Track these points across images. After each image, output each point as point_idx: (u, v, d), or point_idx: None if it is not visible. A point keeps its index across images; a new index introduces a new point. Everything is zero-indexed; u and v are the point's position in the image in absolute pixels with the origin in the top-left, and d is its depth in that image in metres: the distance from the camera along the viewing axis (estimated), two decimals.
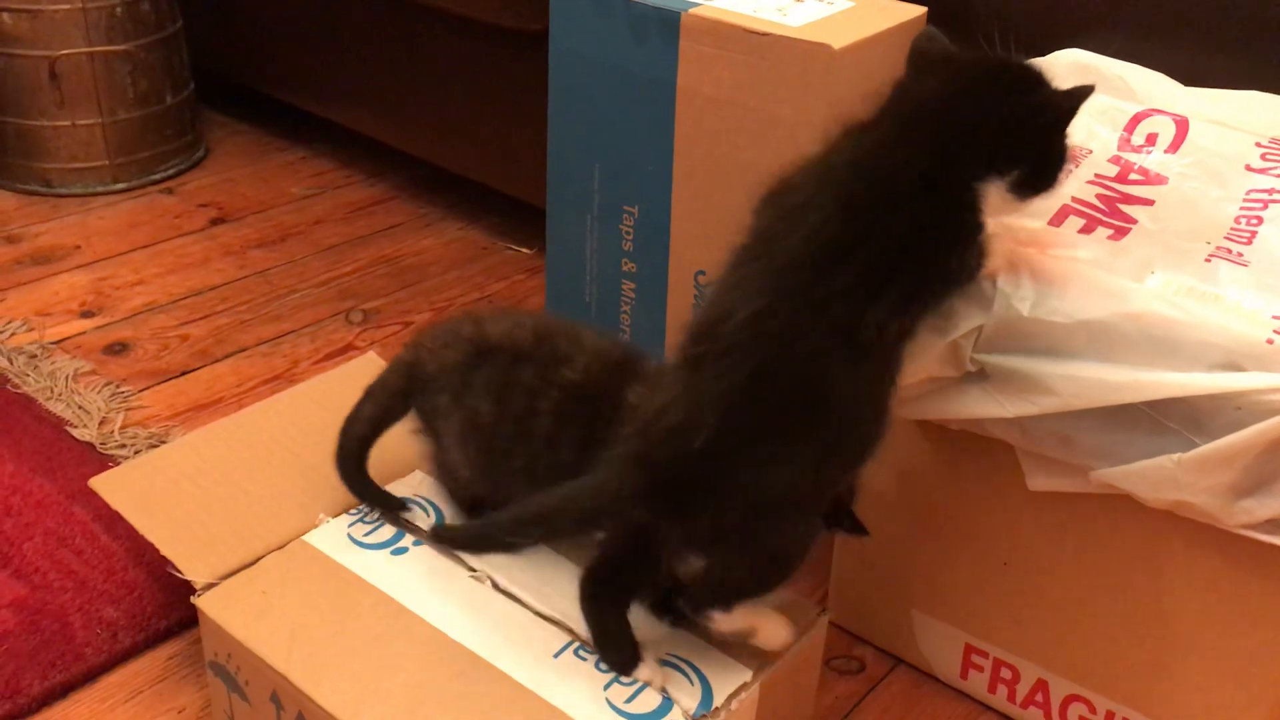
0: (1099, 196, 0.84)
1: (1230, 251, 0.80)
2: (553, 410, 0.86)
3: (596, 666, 0.82)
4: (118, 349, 1.44)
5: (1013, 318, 0.77)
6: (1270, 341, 0.71)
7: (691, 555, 0.79)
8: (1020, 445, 0.83)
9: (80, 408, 1.31)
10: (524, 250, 1.74)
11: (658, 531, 0.78)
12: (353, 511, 0.95)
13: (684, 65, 0.99)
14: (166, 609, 1.04)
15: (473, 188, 1.78)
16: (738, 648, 0.86)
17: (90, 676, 0.99)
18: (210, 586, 0.90)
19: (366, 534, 0.93)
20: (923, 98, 0.77)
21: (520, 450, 0.88)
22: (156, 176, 1.88)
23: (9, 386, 1.34)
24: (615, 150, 1.07)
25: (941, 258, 0.74)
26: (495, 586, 0.89)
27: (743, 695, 0.83)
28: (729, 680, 0.83)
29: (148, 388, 1.37)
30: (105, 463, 1.22)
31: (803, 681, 0.93)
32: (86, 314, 1.51)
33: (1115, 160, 0.88)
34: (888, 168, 0.75)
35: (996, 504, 0.90)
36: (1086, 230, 0.82)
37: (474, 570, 0.90)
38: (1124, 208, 0.84)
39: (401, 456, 0.99)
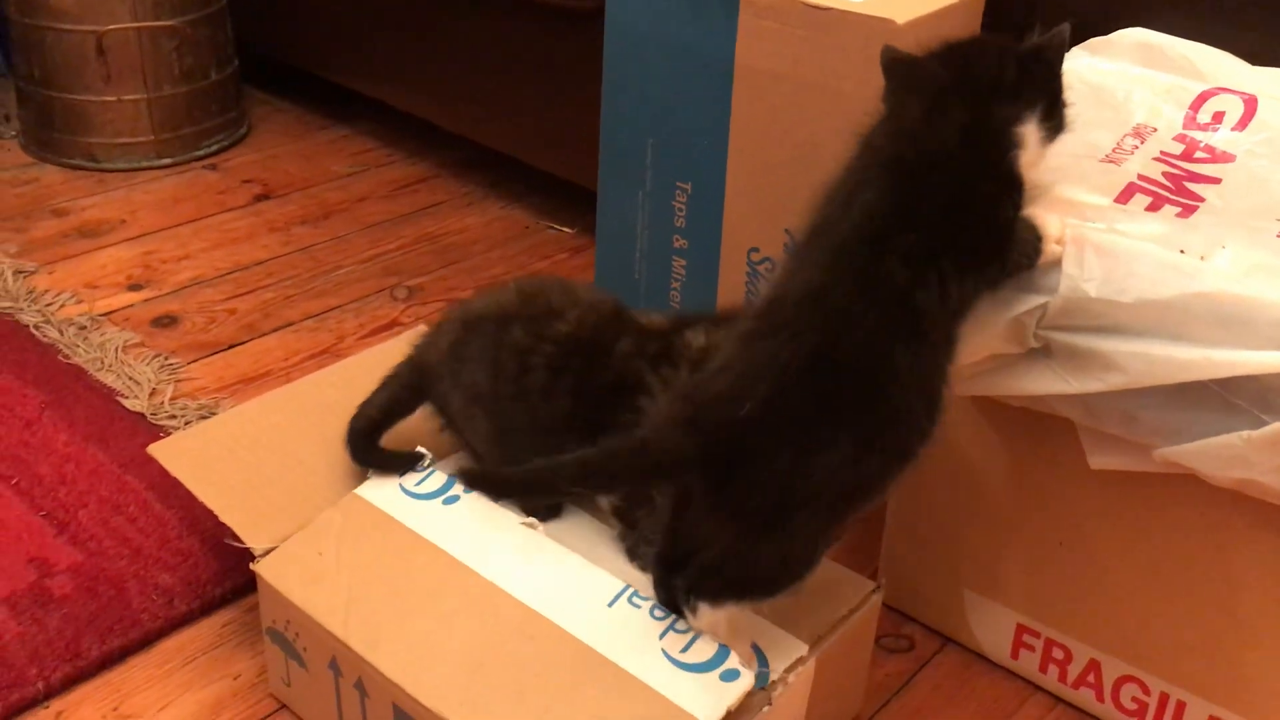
0: (1165, 175, 0.84)
1: None
2: (544, 364, 0.88)
3: (651, 614, 0.82)
4: (166, 322, 1.45)
5: (1079, 297, 0.76)
6: None
7: (710, 528, 0.78)
8: (1083, 423, 0.82)
9: (131, 379, 1.32)
10: (566, 230, 1.74)
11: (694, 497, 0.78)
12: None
13: (743, 40, 0.98)
14: (221, 576, 1.05)
15: (515, 167, 1.78)
16: (794, 623, 0.86)
17: (147, 642, 1.00)
18: (268, 552, 0.91)
19: (418, 483, 0.93)
20: (932, 71, 0.79)
21: (520, 410, 0.89)
22: (200, 153, 1.89)
23: (60, 357, 1.35)
24: (670, 126, 1.06)
25: (991, 211, 0.75)
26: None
27: (799, 669, 0.83)
28: (786, 654, 0.84)
29: (196, 360, 1.38)
30: (156, 433, 1.23)
31: (856, 658, 0.93)
32: (134, 287, 1.53)
33: (1181, 139, 0.87)
34: (927, 131, 0.76)
35: (1054, 483, 0.89)
36: (1154, 208, 0.82)
37: (525, 517, 0.90)
38: (1191, 186, 0.83)
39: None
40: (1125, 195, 0.83)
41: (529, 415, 0.89)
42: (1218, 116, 0.87)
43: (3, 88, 1.98)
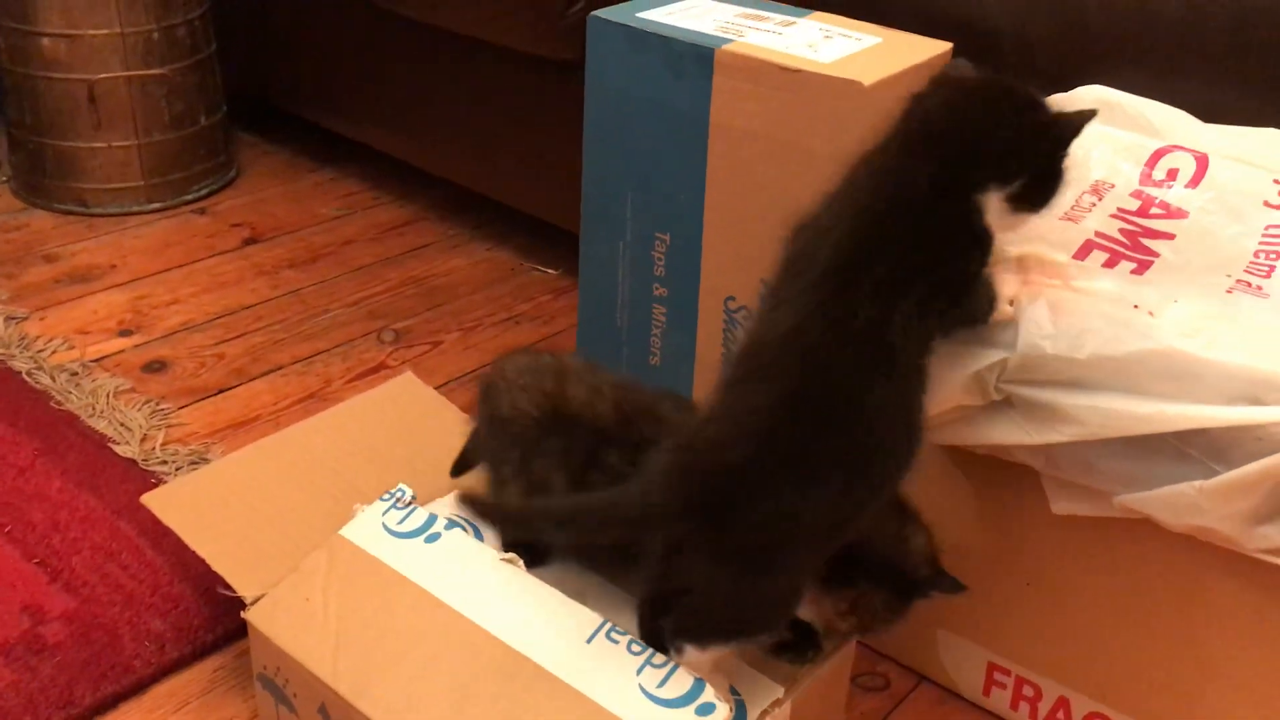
0: (1121, 230, 0.87)
1: (1250, 285, 0.83)
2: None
3: (628, 649, 0.84)
4: (156, 367, 1.48)
5: (1036, 354, 0.80)
6: None
7: (702, 572, 0.80)
8: (1045, 470, 0.85)
9: (122, 425, 1.35)
10: (550, 271, 1.77)
11: (688, 543, 0.80)
12: (385, 498, 0.98)
13: (717, 99, 1.02)
14: (212, 622, 1.07)
15: (500, 209, 1.81)
16: (770, 665, 0.89)
17: (139, 688, 1.02)
18: (258, 599, 0.93)
19: (400, 521, 0.95)
20: (929, 112, 0.81)
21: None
22: (190, 197, 1.92)
23: (52, 404, 1.38)
24: (649, 180, 1.10)
25: (956, 261, 0.78)
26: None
27: (775, 711, 0.86)
28: (762, 696, 0.86)
29: (186, 405, 1.41)
30: (148, 479, 1.25)
31: (832, 698, 0.96)
32: (124, 333, 1.55)
33: (1137, 194, 0.91)
34: (899, 179, 0.79)
35: (1020, 525, 0.92)
36: (1110, 264, 0.85)
37: (504, 553, 0.93)
38: (1146, 241, 0.87)
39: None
40: (1083, 252, 0.86)
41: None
42: (1171, 174, 0.91)
43: None
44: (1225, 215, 0.87)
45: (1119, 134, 0.95)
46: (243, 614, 0.93)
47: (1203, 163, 0.91)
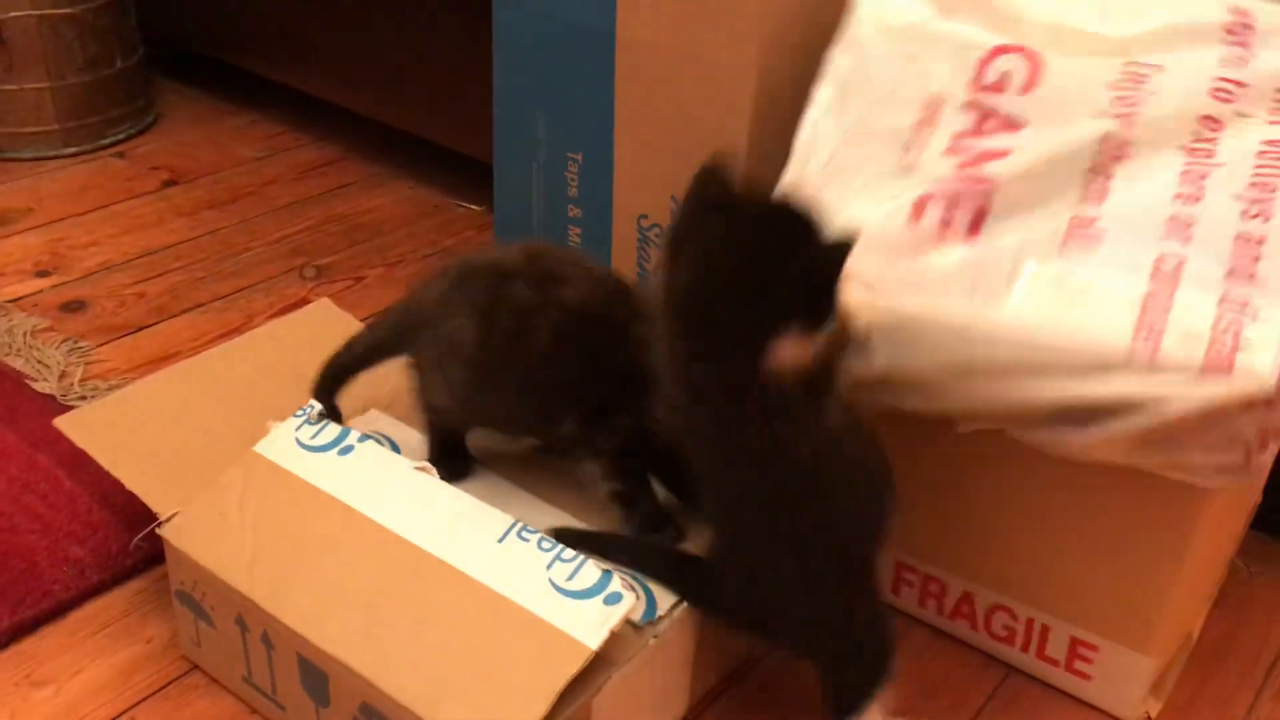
0: (957, 169, 0.86)
1: (1086, 222, 0.83)
2: (552, 328, 0.88)
3: (539, 546, 0.86)
4: (75, 307, 1.47)
5: (875, 372, 0.83)
6: (1131, 349, 0.78)
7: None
8: None
9: (40, 362, 1.34)
10: (474, 207, 1.77)
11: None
12: (298, 414, 0.98)
13: (623, 13, 1.03)
14: (130, 548, 1.07)
15: (423, 147, 1.81)
16: None
17: (59, 612, 1.02)
18: (174, 516, 0.94)
19: (313, 436, 0.96)
20: (694, 288, 0.74)
21: (510, 368, 0.90)
22: (107, 141, 1.89)
23: None
24: (559, 99, 1.11)
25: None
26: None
27: (684, 605, 0.88)
28: (671, 594, 0.89)
29: (106, 343, 1.40)
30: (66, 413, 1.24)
31: None
32: (42, 274, 1.53)
33: (970, 106, 0.88)
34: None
35: (921, 434, 0.94)
36: (946, 222, 0.85)
37: (417, 464, 0.94)
38: (982, 169, 0.85)
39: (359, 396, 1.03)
40: (918, 210, 0.86)
41: (521, 375, 0.90)
42: (1004, 79, 0.89)
43: None
44: (1064, 121, 0.85)
45: (955, 29, 0.91)
46: (157, 530, 0.93)
47: (1035, 63, 0.88)
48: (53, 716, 0.93)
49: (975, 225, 0.85)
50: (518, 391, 0.91)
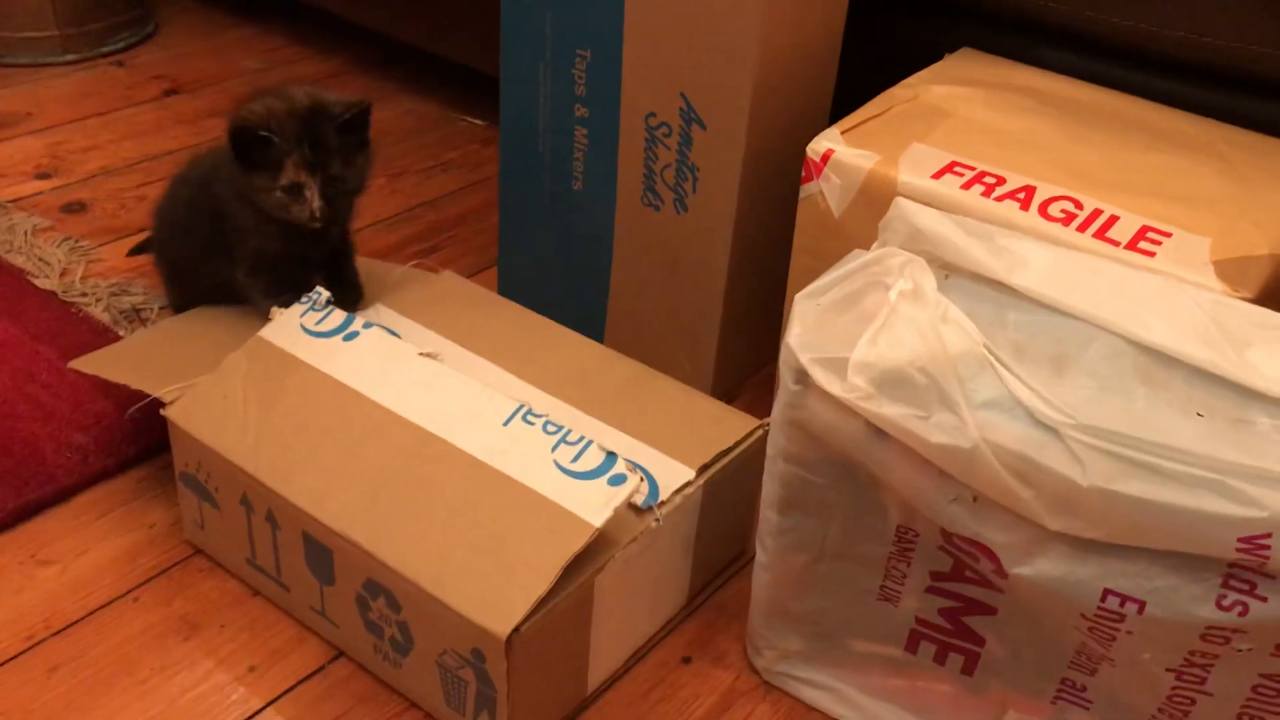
0: (942, 612, 0.81)
1: (1074, 686, 0.78)
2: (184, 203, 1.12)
3: (544, 429, 0.86)
4: (75, 208, 1.46)
5: None
6: None
7: None
8: None
9: (41, 259, 1.33)
10: (477, 121, 1.76)
11: None
12: (303, 300, 0.98)
13: None
14: (134, 437, 1.07)
15: (426, 62, 1.79)
16: (682, 453, 0.91)
17: (63, 496, 1.03)
18: (177, 399, 0.94)
19: (318, 322, 0.96)
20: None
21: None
22: (106, 49, 1.87)
23: None
24: None
25: None
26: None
27: (687, 490, 0.89)
28: (674, 478, 0.89)
29: (106, 243, 1.39)
30: (68, 309, 1.24)
31: (743, 492, 0.98)
32: (42, 175, 1.52)
33: (945, 546, 0.78)
34: None
35: None
36: (939, 658, 0.83)
37: (423, 350, 0.94)
38: (967, 620, 0.80)
39: None
40: (913, 643, 0.83)
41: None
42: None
43: None
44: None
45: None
46: (162, 412, 0.93)
47: None
48: (59, 592, 0.94)
49: (969, 670, 0.83)
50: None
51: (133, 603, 0.94)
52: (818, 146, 0.99)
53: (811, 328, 0.77)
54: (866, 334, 0.74)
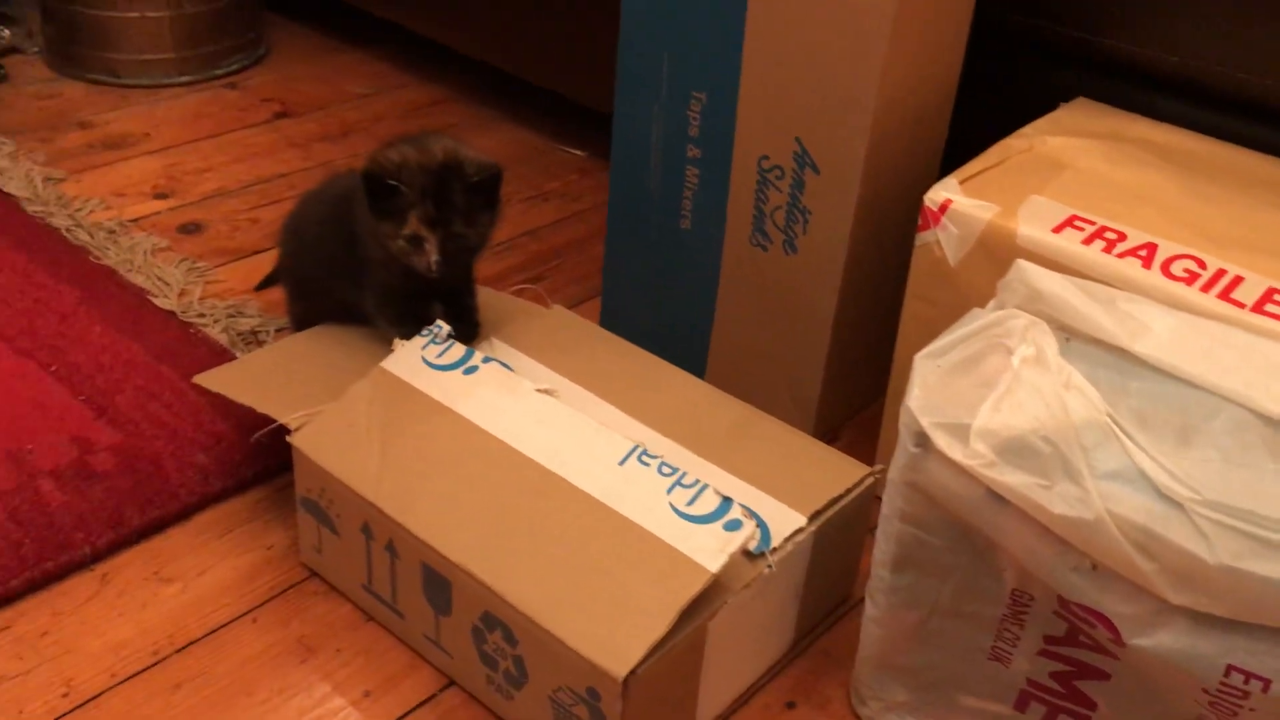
0: (1054, 675, 0.80)
1: None
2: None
3: (659, 471, 0.88)
4: (191, 229, 1.51)
5: None
6: None
7: None
8: None
9: (160, 279, 1.38)
10: (577, 152, 1.79)
11: None
12: (423, 333, 1.01)
13: None
14: (253, 458, 1.11)
15: (527, 91, 1.82)
16: (793, 499, 0.92)
17: (184, 514, 1.06)
18: (302, 425, 0.96)
19: (439, 355, 0.99)
20: None
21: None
22: (220, 72, 1.93)
23: (91, 258, 1.40)
24: (686, 37, 1.11)
25: None
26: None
27: (799, 538, 0.90)
28: (786, 524, 0.90)
29: (222, 264, 1.43)
30: (187, 329, 1.29)
31: (852, 538, 0.99)
32: (160, 196, 1.57)
33: (1061, 612, 0.77)
34: None
35: None
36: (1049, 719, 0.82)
37: (539, 386, 0.97)
38: (1080, 684, 0.79)
39: None
40: (1022, 702, 0.82)
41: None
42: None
43: (28, 4, 2.02)
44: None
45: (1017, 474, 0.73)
46: (287, 438, 0.96)
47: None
48: (181, 610, 0.97)
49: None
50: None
51: (251, 623, 0.97)
52: (936, 196, 0.99)
53: (932, 390, 0.78)
54: (989, 400, 0.75)
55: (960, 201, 0.98)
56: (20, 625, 0.95)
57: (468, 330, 1.06)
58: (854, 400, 1.25)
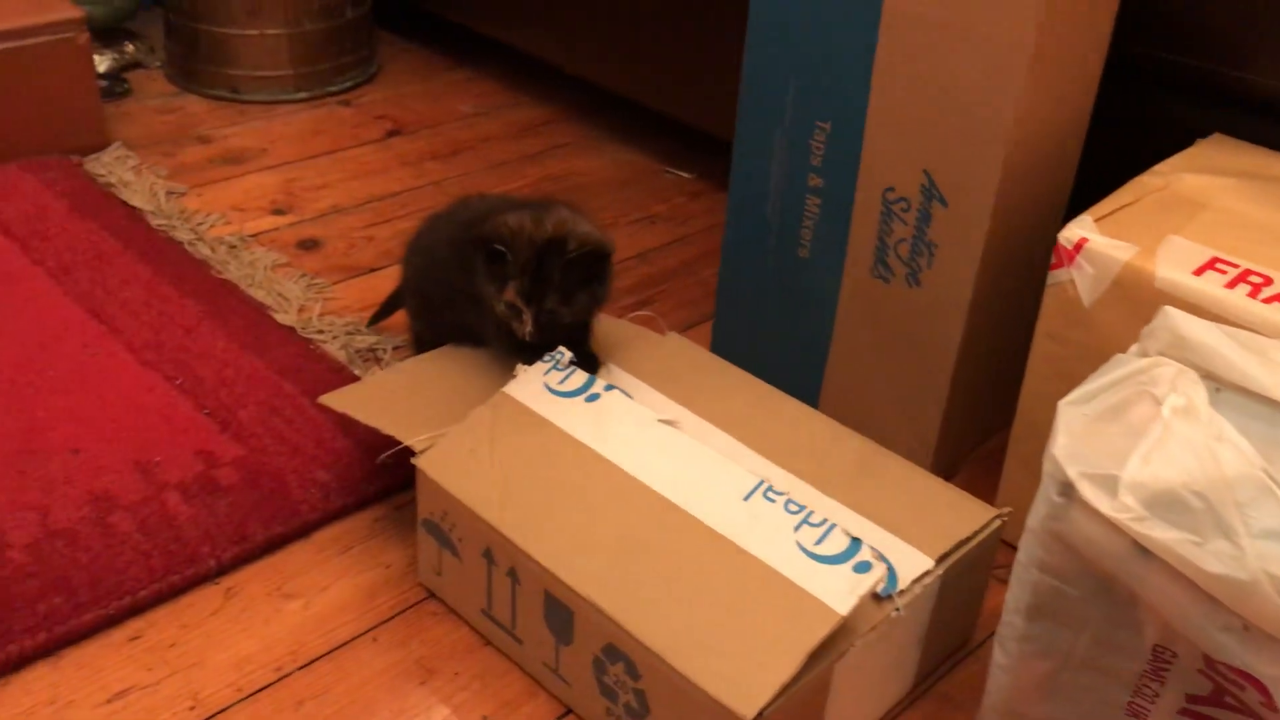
0: None
1: None
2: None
3: (785, 508, 0.87)
4: (309, 245, 1.53)
5: None
6: None
7: None
8: None
9: (280, 295, 1.40)
10: (685, 174, 1.79)
11: None
12: (545, 359, 1.01)
13: None
14: (372, 476, 1.12)
15: (635, 112, 1.83)
16: (920, 541, 0.91)
17: (306, 531, 1.08)
18: (427, 448, 0.97)
19: (561, 381, 0.99)
20: None
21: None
22: (334, 88, 1.97)
23: (213, 273, 1.44)
24: (813, 66, 1.10)
25: None
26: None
27: (926, 580, 0.88)
28: (913, 567, 0.89)
29: (339, 281, 1.46)
30: (306, 345, 1.31)
31: (975, 582, 0.97)
32: (278, 211, 1.61)
33: (1207, 671, 0.74)
34: None
35: None
36: None
37: (662, 416, 0.96)
38: None
39: None
40: None
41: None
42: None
43: (151, 20, 2.08)
44: None
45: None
46: (412, 460, 0.97)
47: None
48: (303, 626, 0.98)
49: None
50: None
51: (372, 642, 0.98)
52: (1071, 234, 0.97)
53: (1078, 438, 0.76)
54: (1138, 451, 0.73)
55: (1096, 240, 0.96)
56: (149, 636, 0.97)
57: (585, 365, 1.06)
58: (972, 436, 1.23)
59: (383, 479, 1.12)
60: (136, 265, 1.42)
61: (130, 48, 2.00)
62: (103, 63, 1.92)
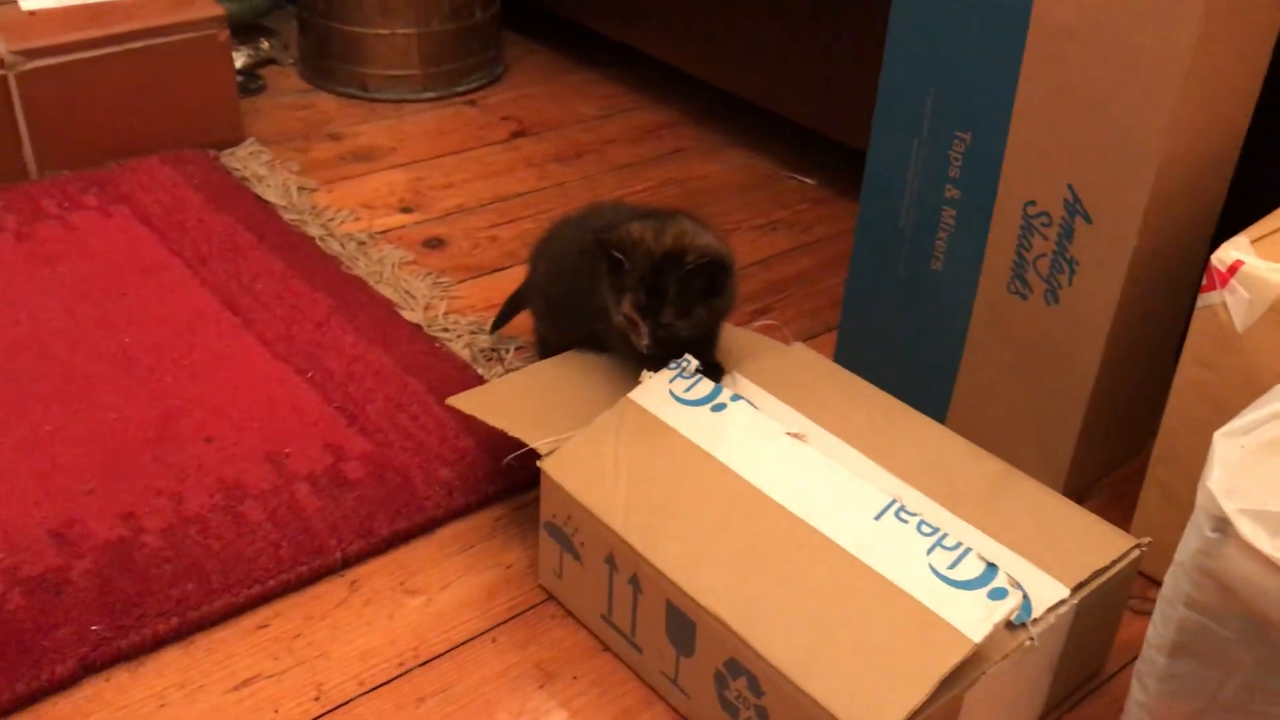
0: None
1: None
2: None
3: (918, 529, 0.85)
4: (435, 244, 1.55)
5: None
6: None
7: None
8: None
9: (407, 292, 1.42)
10: (808, 180, 1.77)
11: None
12: (671, 366, 1.01)
13: None
14: (494, 475, 1.13)
15: (757, 117, 1.81)
16: (1056, 569, 0.88)
17: (429, 527, 1.09)
18: (552, 451, 0.98)
19: (687, 389, 0.98)
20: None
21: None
22: (461, 89, 1.99)
23: (342, 268, 1.46)
24: (954, 75, 1.08)
25: None
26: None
27: (1061, 609, 0.85)
28: (1048, 595, 0.86)
29: (464, 280, 1.47)
30: (432, 343, 1.32)
31: (1110, 612, 0.94)
32: (405, 209, 1.63)
33: None
34: None
35: None
36: None
37: (790, 429, 0.95)
38: None
39: None
40: None
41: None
42: None
43: (285, 17, 2.13)
44: None
45: None
46: (538, 463, 0.97)
47: None
48: (425, 623, 0.99)
49: None
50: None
51: (491, 643, 0.98)
52: (1225, 256, 0.93)
53: (1235, 471, 0.73)
54: None
55: (1253, 264, 0.92)
56: (276, 625, 0.99)
57: (710, 374, 1.05)
58: (1106, 460, 1.19)
59: (504, 479, 1.13)
60: (269, 259, 1.45)
61: (265, 44, 2.05)
62: (239, 59, 1.97)
